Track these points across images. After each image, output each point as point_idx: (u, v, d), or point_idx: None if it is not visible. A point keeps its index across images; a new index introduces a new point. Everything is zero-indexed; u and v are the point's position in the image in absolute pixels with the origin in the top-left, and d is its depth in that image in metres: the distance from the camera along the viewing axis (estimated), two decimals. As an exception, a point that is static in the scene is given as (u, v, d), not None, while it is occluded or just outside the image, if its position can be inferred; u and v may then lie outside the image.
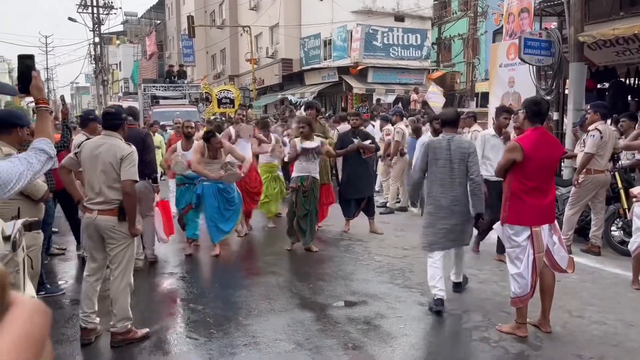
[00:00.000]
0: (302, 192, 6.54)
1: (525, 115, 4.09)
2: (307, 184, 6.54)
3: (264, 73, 28.16)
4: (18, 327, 0.30)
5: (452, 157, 4.57)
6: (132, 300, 4.07)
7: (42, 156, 2.01)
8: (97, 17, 35.70)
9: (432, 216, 4.67)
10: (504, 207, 4.07)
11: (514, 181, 4.01)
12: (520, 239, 3.98)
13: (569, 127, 8.09)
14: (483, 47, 24.76)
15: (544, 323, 4.15)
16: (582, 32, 7.81)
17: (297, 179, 6.61)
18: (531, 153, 3.89)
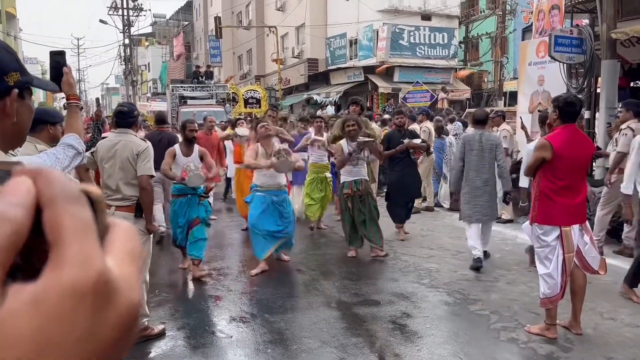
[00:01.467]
0: (358, 196, 6.10)
1: (557, 113, 3.99)
2: (362, 188, 6.10)
3: (289, 73, 28.26)
4: (122, 244, 0.32)
5: (484, 148, 5.85)
6: (156, 297, 4.15)
7: (70, 151, 2.04)
8: (127, 19, 36.35)
9: (469, 195, 5.92)
10: (533, 206, 4.01)
11: (543, 180, 3.93)
12: (549, 239, 3.91)
13: (601, 126, 7.91)
14: (511, 46, 24.37)
15: (574, 325, 4.07)
16: (615, 28, 7.62)
17: (351, 184, 6.09)
18: (561, 151, 3.82)
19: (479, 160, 5.85)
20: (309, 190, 7.36)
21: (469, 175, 5.93)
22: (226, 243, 7.36)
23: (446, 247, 6.69)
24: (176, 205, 5.50)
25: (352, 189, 6.09)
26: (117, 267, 0.30)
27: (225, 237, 7.69)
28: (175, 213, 5.50)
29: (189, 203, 5.43)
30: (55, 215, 0.29)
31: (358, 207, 6.09)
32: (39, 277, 0.28)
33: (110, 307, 0.29)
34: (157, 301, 4.92)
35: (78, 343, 0.28)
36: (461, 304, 4.75)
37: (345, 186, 6.15)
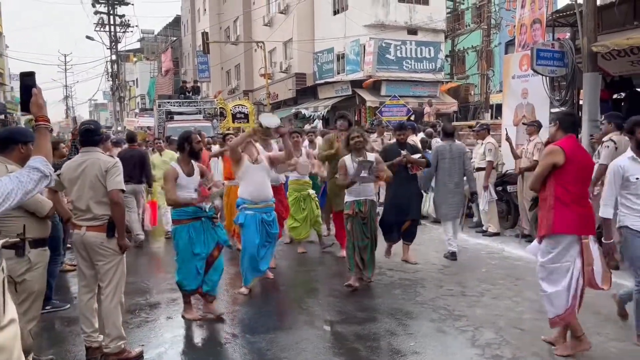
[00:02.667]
0: (360, 218, 5.56)
1: (557, 126, 3.99)
2: (365, 210, 5.55)
3: (278, 88, 28.32)
4: None
5: (453, 156, 6.79)
6: (135, 319, 4.04)
7: (34, 174, 1.98)
8: (114, 35, 36.35)
9: (444, 196, 6.80)
10: (547, 217, 3.84)
11: (557, 187, 3.82)
12: (567, 254, 3.81)
13: (584, 138, 7.93)
14: (497, 59, 24.64)
15: (559, 340, 4.02)
16: (596, 42, 7.69)
17: (353, 204, 5.55)
18: (572, 156, 3.78)
19: (450, 167, 6.78)
20: (292, 211, 6.99)
21: (443, 180, 6.82)
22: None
23: (432, 262, 6.64)
24: (190, 232, 4.56)
25: (354, 210, 5.54)
26: None
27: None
28: (191, 242, 4.56)
29: (204, 227, 4.63)
30: None
31: (360, 230, 5.55)
32: None
33: None
34: (136, 323, 4.80)
35: None
36: (446, 320, 4.69)
37: (347, 206, 5.63)
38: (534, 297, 5.23)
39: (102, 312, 3.87)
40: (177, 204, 4.57)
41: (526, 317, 4.73)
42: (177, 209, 4.62)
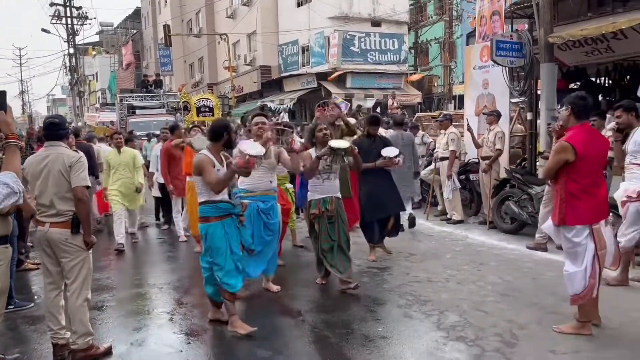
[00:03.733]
0: (327, 217, 5.19)
1: (570, 111, 3.96)
2: (332, 208, 5.18)
3: (242, 80, 28.12)
4: None
5: (404, 143, 7.35)
6: (102, 314, 4.01)
7: (4, 189, 1.99)
8: (71, 28, 35.31)
9: (399, 179, 6.83)
10: (560, 209, 3.96)
11: (568, 181, 3.91)
12: (580, 239, 3.93)
13: (542, 127, 8.20)
14: (459, 50, 25.04)
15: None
16: (552, 33, 7.93)
17: (318, 203, 5.17)
18: (583, 152, 3.82)
19: (403, 152, 6.56)
20: None
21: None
22: (175, 256, 7.22)
23: (399, 250, 6.76)
24: (225, 228, 4.20)
25: (320, 209, 5.17)
26: None
27: (175, 250, 7.54)
28: (227, 238, 4.19)
29: (235, 224, 4.31)
30: None
31: (326, 231, 5.18)
32: None
33: None
34: (103, 318, 4.76)
35: None
36: (412, 305, 4.81)
37: (312, 205, 5.21)
38: (496, 281, 5.42)
39: (68, 309, 3.82)
40: (225, 185, 4.17)
41: (489, 300, 4.89)
42: (209, 204, 4.17)
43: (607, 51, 8.20)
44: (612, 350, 3.77)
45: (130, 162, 7.72)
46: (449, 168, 8.21)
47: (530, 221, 7.17)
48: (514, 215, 7.44)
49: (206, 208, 4.21)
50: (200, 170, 4.13)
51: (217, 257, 4.17)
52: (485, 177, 8.11)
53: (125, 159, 7.70)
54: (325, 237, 5.20)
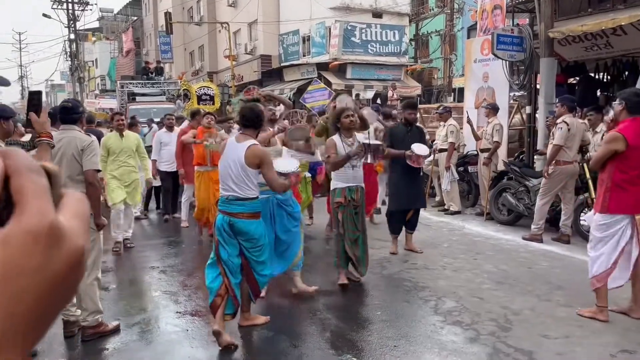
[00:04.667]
0: (352, 207, 4.97)
1: (623, 106, 4.09)
2: (357, 197, 4.98)
3: (243, 69, 28.10)
4: (72, 206, 0.43)
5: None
6: (110, 294, 4.14)
7: None
8: (72, 13, 35.18)
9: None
10: (604, 197, 4.09)
11: (615, 172, 4.04)
12: (617, 227, 4.06)
13: (540, 121, 8.32)
14: (460, 43, 25.10)
15: (635, 309, 4.22)
16: (552, 28, 8.03)
17: (344, 191, 4.93)
18: (635, 142, 3.95)
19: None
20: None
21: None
22: (179, 240, 7.35)
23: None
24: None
25: (346, 197, 4.94)
26: (67, 221, 0.41)
27: (179, 234, 7.67)
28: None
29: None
30: (19, 181, 0.40)
31: (352, 220, 4.96)
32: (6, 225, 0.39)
33: (59, 246, 0.40)
34: (112, 297, 4.90)
35: (35, 272, 0.38)
36: (410, 291, 4.96)
37: (337, 193, 4.96)
38: (492, 270, 5.57)
39: (79, 287, 3.94)
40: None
41: (485, 287, 5.04)
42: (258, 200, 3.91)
43: (607, 47, 8.30)
44: (602, 337, 3.91)
45: (132, 148, 6.75)
46: (448, 160, 8.33)
47: (526, 213, 7.32)
48: (511, 207, 7.58)
49: (257, 203, 3.89)
50: (261, 162, 3.76)
51: (263, 253, 3.95)
52: (483, 169, 8.24)
53: (127, 144, 6.70)
54: (351, 227, 4.96)
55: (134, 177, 6.67)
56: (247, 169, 3.73)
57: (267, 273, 4.00)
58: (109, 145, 6.58)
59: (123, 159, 6.58)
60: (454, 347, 3.75)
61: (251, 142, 3.78)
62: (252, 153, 3.73)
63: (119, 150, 6.59)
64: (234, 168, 3.74)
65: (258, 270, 3.92)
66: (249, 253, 3.85)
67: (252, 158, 3.71)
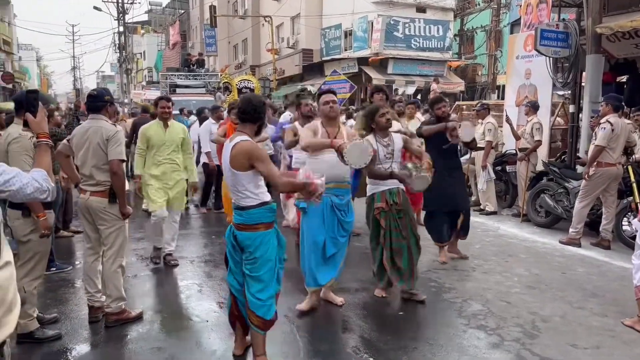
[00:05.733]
0: (395, 212, 4.48)
1: None
2: (400, 201, 4.49)
3: (284, 63, 28.23)
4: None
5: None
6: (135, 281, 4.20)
7: (35, 183, 2.00)
8: (121, 7, 36.16)
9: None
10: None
11: None
12: None
13: (584, 121, 7.98)
14: (506, 39, 24.41)
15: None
16: (600, 23, 7.68)
17: (384, 195, 4.46)
18: None
19: None
20: None
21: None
22: (208, 231, 7.43)
23: (427, 237, 6.75)
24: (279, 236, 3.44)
25: (387, 202, 4.46)
26: None
27: (209, 225, 7.75)
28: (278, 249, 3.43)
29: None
30: None
31: (396, 227, 4.47)
32: None
33: None
34: (137, 285, 5.00)
35: None
36: (436, 292, 4.84)
37: (377, 198, 4.49)
38: (523, 273, 5.38)
39: (104, 274, 4.04)
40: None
41: (514, 291, 4.87)
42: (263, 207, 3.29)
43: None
44: (635, 349, 3.71)
45: (177, 142, 5.57)
46: (484, 159, 8.10)
47: (565, 215, 7.04)
48: (549, 209, 7.31)
49: (261, 211, 3.27)
50: (252, 161, 3.15)
51: (260, 269, 3.29)
52: (521, 169, 7.97)
53: (172, 136, 5.53)
54: (396, 234, 4.46)
55: (178, 177, 5.56)
56: (236, 173, 3.17)
57: (263, 297, 3.27)
58: (149, 135, 5.45)
59: (166, 155, 5.47)
60: (475, 353, 3.63)
61: (239, 139, 3.18)
62: (236, 151, 3.16)
63: (161, 143, 5.45)
64: (227, 172, 3.26)
65: (252, 289, 3.28)
66: (243, 265, 3.32)
67: (239, 157, 3.15)
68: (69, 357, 3.59)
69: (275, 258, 3.35)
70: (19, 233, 3.65)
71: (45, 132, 2.42)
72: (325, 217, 4.15)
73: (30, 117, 2.42)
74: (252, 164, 3.14)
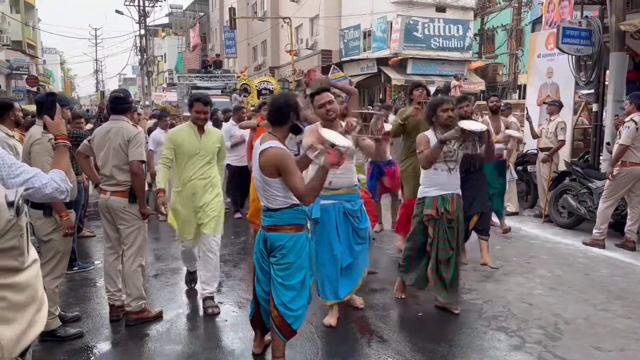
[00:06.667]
0: (446, 221, 4.12)
1: None
2: (453, 209, 4.11)
3: (304, 64, 28.26)
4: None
5: None
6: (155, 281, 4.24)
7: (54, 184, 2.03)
8: (143, 10, 36.64)
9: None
10: None
11: None
12: None
13: (608, 119, 7.82)
14: (527, 38, 24.10)
15: None
16: (624, 20, 7.52)
17: (435, 201, 4.09)
18: None
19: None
20: None
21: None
22: (228, 231, 7.45)
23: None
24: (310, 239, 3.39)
25: (438, 209, 4.08)
26: None
27: (227, 226, 7.78)
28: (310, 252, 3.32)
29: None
30: None
31: (445, 237, 4.10)
32: None
33: None
34: (157, 285, 5.04)
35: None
36: (456, 293, 4.78)
37: (427, 204, 4.11)
38: (545, 275, 5.30)
39: (124, 273, 4.08)
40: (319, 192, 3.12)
41: (535, 292, 4.79)
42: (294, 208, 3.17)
43: (685, 41, 7.70)
44: (661, 352, 3.63)
45: (214, 152, 4.42)
46: (507, 158, 7.98)
47: (588, 216, 6.91)
48: (572, 210, 7.18)
49: (292, 212, 3.15)
50: (279, 169, 3.01)
51: (292, 277, 3.16)
52: (543, 169, 7.84)
53: (208, 145, 4.36)
54: (444, 245, 4.11)
55: (211, 196, 4.38)
56: (266, 178, 3.08)
57: (294, 307, 3.16)
58: (180, 142, 4.28)
59: (199, 168, 4.32)
60: (495, 354, 3.58)
61: (267, 145, 3.05)
62: (265, 159, 3.04)
63: (194, 152, 4.29)
64: (256, 174, 3.16)
65: (282, 297, 3.15)
66: (273, 271, 3.17)
67: (267, 165, 3.03)
68: (90, 355, 3.64)
69: (308, 266, 3.23)
70: (41, 232, 3.71)
71: (62, 133, 2.43)
72: (339, 226, 3.90)
73: (48, 119, 2.43)
74: (279, 172, 3.03)
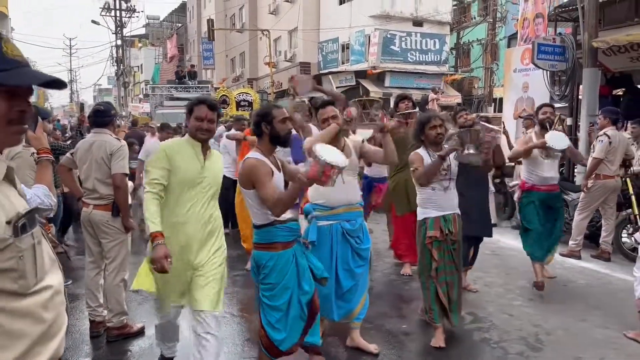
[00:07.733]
0: (450, 242, 3.89)
1: None
2: (455, 229, 3.89)
3: (282, 76, 28.36)
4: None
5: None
6: (137, 296, 4.18)
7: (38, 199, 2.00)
8: (119, 20, 36.36)
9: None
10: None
11: None
12: None
13: (582, 133, 8.05)
14: (502, 53, 24.63)
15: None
16: (596, 37, 7.77)
17: (437, 222, 3.84)
18: None
19: None
20: None
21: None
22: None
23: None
24: (298, 258, 3.08)
25: (442, 230, 3.84)
26: None
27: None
28: (298, 272, 3.07)
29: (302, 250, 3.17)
30: None
31: (451, 259, 3.90)
32: None
33: None
34: (138, 300, 4.97)
35: None
36: (438, 305, 4.83)
37: (430, 225, 3.85)
38: (525, 286, 5.39)
39: (106, 288, 4.02)
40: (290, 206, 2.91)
41: (515, 303, 4.87)
42: (275, 226, 2.98)
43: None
44: (639, 361, 3.72)
45: (218, 181, 3.19)
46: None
47: (564, 228, 7.05)
48: (548, 221, 7.32)
49: (272, 230, 2.99)
50: (252, 181, 2.89)
51: (278, 298, 2.99)
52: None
53: (214, 172, 3.14)
54: (450, 267, 3.89)
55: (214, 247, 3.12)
56: (244, 190, 2.97)
57: (281, 327, 3.00)
58: (177, 164, 2.99)
59: (200, 206, 3.04)
60: (479, 366, 3.62)
61: (247, 156, 3.02)
62: (242, 170, 2.98)
63: (195, 182, 3.02)
64: (241, 189, 3.08)
65: (269, 317, 3.00)
66: (260, 290, 3.03)
67: (243, 176, 2.95)
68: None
69: (295, 286, 3.01)
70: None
71: (45, 147, 2.40)
72: (335, 248, 3.58)
73: (30, 133, 2.35)
74: (253, 184, 2.90)
